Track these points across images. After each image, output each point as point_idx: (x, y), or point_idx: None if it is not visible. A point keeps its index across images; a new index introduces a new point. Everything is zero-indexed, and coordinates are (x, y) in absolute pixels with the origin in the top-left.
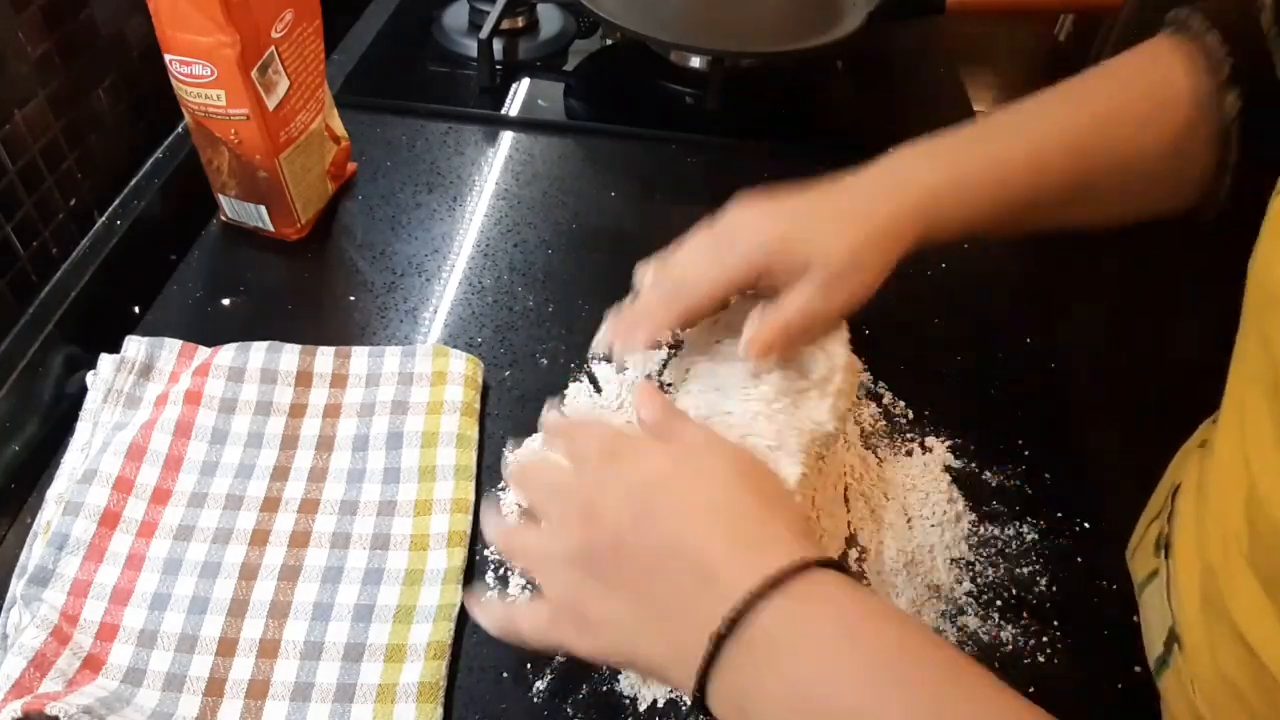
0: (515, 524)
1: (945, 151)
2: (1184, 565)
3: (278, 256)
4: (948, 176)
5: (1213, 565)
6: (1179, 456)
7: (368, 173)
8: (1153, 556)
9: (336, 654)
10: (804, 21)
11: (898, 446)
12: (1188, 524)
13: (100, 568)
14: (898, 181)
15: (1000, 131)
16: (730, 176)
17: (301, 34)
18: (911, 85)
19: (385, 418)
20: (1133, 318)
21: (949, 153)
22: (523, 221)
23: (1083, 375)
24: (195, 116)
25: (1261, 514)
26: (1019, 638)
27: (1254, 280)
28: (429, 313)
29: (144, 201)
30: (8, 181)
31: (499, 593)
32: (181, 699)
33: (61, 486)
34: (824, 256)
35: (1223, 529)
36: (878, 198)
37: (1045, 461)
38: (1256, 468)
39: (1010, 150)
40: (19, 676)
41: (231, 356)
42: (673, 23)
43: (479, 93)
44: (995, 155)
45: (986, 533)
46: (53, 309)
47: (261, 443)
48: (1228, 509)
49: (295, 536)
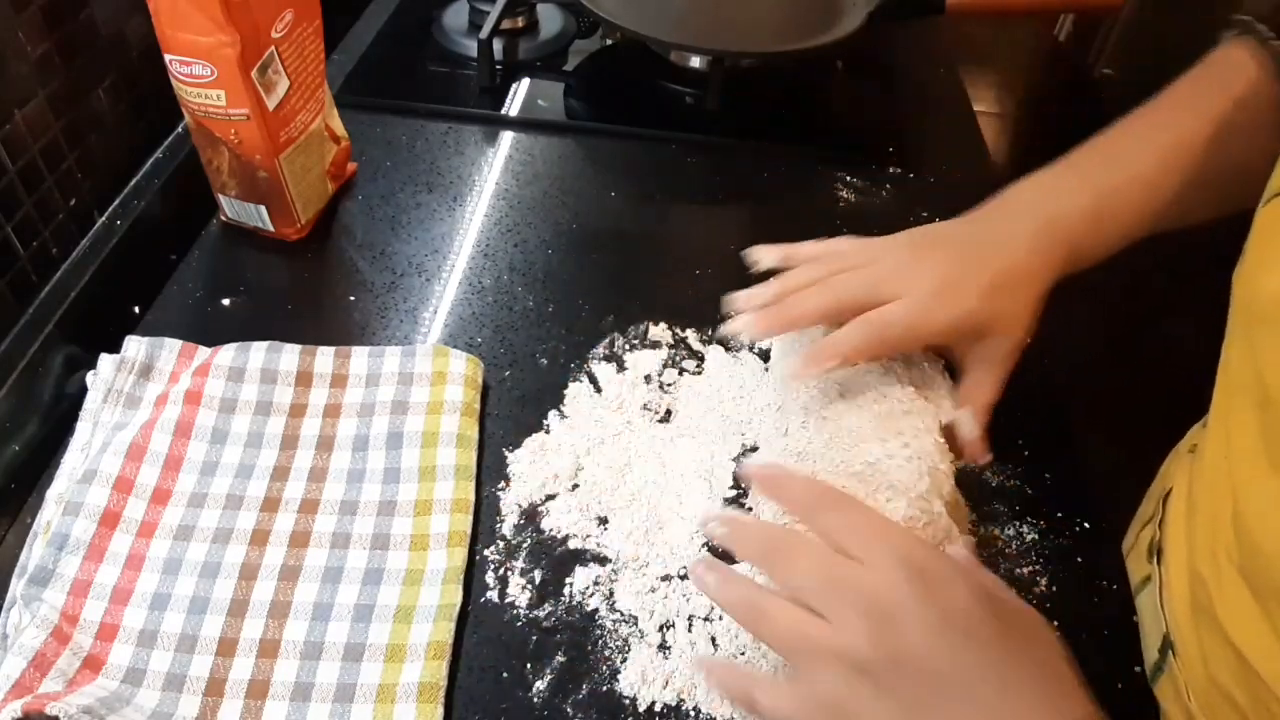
0: (768, 591)
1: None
2: (1175, 572)
3: (278, 256)
4: (1089, 212)
5: (1202, 573)
6: (1170, 460)
7: (368, 173)
8: (1146, 562)
9: (336, 654)
10: (804, 21)
11: None
12: (1178, 531)
13: (100, 568)
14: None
15: (1123, 156)
16: (730, 176)
17: (301, 34)
18: (911, 85)
19: (385, 418)
20: (1132, 318)
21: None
22: (523, 221)
23: (1082, 375)
24: (195, 116)
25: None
26: None
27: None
28: (429, 313)
29: (144, 201)
30: (8, 181)
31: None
32: (181, 699)
33: (61, 486)
34: (1009, 328)
35: (1211, 537)
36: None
37: (1045, 461)
38: (1241, 483)
39: (1137, 174)
40: (19, 676)
41: (231, 356)
42: (673, 23)
43: (479, 93)
44: (1126, 182)
45: (986, 533)
46: (53, 309)
47: (261, 443)
48: (1216, 518)
49: (295, 536)
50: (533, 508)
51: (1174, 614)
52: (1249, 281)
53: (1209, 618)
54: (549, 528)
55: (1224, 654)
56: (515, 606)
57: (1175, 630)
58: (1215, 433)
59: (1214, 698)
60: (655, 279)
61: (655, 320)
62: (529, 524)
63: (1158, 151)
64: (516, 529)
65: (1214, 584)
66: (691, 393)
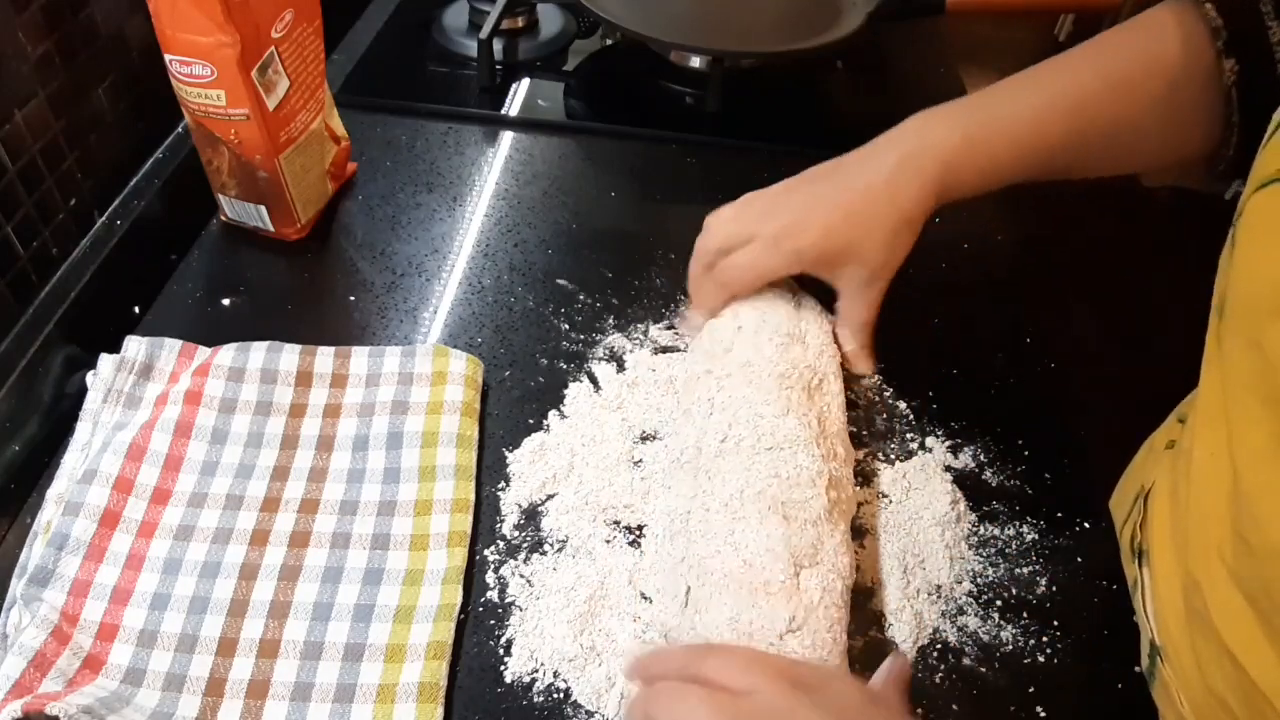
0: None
1: (957, 116)
2: (1163, 576)
3: (278, 256)
4: (961, 141)
5: (1195, 577)
6: (1143, 455)
7: (368, 173)
8: (1130, 563)
9: (336, 654)
10: (804, 21)
11: (898, 446)
12: (1163, 532)
13: (100, 568)
14: (914, 154)
15: (1006, 96)
16: (730, 176)
17: (301, 34)
18: (911, 85)
19: (385, 418)
20: (1132, 317)
21: (960, 117)
22: (523, 221)
23: (1083, 375)
24: (195, 116)
25: (1256, 530)
26: (1019, 638)
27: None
28: (429, 313)
29: (144, 201)
30: (8, 181)
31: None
32: (181, 699)
33: (61, 486)
34: (862, 256)
35: (1204, 540)
36: (899, 181)
37: (1045, 461)
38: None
39: (1016, 111)
40: (19, 676)
41: (231, 356)
42: (673, 23)
43: (479, 93)
44: (1003, 117)
45: (986, 533)
46: (53, 309)
47: (261, 443)
48: (1209, 520)
49: (295, 536)
50: (533, 508)
51: (1162, 619)
52: (1248, 274)
53: (1203, 622)
54: (549, 528)
55: (1219, 660)
56: (516, 607)
57: (1164, 635)
58: (1210, 431)
59: (1208, 704)
60: (655, 279)
61: (655, 320)
62: (529, 524)
63: (1046, 98)
64: (516, 529)
65: (1208, 587)
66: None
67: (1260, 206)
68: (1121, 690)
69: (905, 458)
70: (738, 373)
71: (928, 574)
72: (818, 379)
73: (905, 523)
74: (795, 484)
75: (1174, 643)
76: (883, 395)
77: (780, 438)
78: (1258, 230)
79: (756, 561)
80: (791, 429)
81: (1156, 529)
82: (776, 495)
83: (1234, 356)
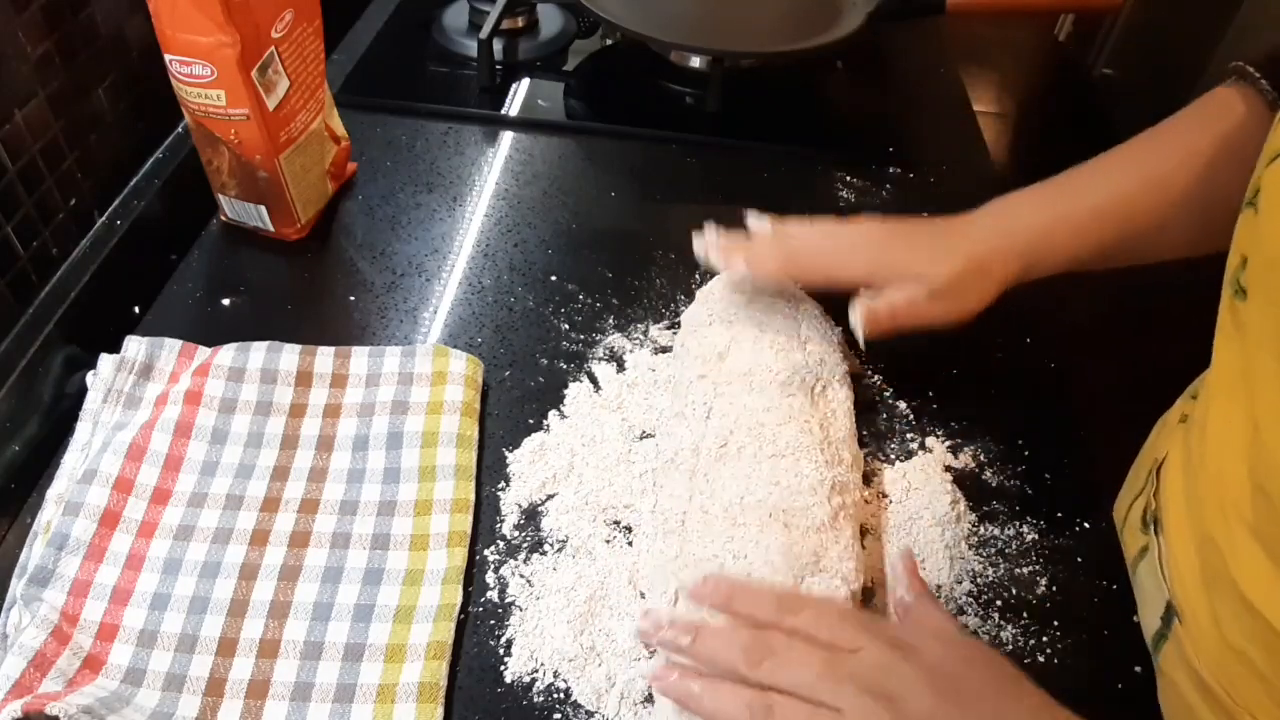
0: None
1: (1045, 198)
2: (1178, 539)
3: (278, 256)
4: (1049, 220)
5: (1213, 536)
6: (1157, 431)
7: (368, 173)
8: (1140, 533)
9: (336, 654)
10: (804, 21)
11: (898, 446)
12: (1177, 499)
13: (100, 568)
14: (1003, 224)
15: (1092, 178)
16: (730, 176)
17: (301, 34)
18: (911, 85)
19: (385, 418)
20: (1132, 317)
21: (1049, 199)
22: (523, 221)
23: (1083, 375)
24: (195, 116)
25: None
26: (1019, 638)
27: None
28: (429, 313)
29: (144, 201)
30: (8, 181)
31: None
32: (181, 699)
33: (61, 486)
34: (928, 277)
35: (1220, 499)
36: (982, 238)
37: (1045, 461)
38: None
39: (1103, 194)
40: (19, 676)
41: (231, 356)
42: (673, 23)
43: (479, 93)
44: (1090, 199)
45: (986, 533)
46: (53, 309)
47: (261, 443)
48: (1224, 480)
49: (295, 536)
50: (533, 508)
51: (1180, 580)
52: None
53: (1223, 581)
54: (549, 528)
55: (1239, 615)
56: (516, 607)
57: (1181, 596)
58: (1227, 400)
59: (1228, 659)
60: (655, 279)
61: (655, 320)
62: (529, 524)
63: (1123, 186)
64: (516, 529)
65: (1226, 545)
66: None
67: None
68: (1121, 690)
69: (905, 458)
70: (738, 381)
71: (928, 574)
72: (820, 384)
73: (905, 523)
74: (796, 491)
75: (1190, 602)
76: (883, 395)
77: (782, 445)
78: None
79: (756, 574)
80: (793, 436)
81: (1170, 497)
82: (777, 503)
83: (1255, 319)
